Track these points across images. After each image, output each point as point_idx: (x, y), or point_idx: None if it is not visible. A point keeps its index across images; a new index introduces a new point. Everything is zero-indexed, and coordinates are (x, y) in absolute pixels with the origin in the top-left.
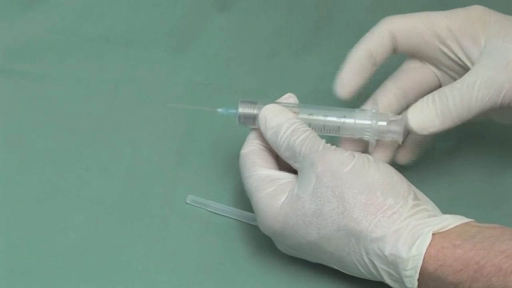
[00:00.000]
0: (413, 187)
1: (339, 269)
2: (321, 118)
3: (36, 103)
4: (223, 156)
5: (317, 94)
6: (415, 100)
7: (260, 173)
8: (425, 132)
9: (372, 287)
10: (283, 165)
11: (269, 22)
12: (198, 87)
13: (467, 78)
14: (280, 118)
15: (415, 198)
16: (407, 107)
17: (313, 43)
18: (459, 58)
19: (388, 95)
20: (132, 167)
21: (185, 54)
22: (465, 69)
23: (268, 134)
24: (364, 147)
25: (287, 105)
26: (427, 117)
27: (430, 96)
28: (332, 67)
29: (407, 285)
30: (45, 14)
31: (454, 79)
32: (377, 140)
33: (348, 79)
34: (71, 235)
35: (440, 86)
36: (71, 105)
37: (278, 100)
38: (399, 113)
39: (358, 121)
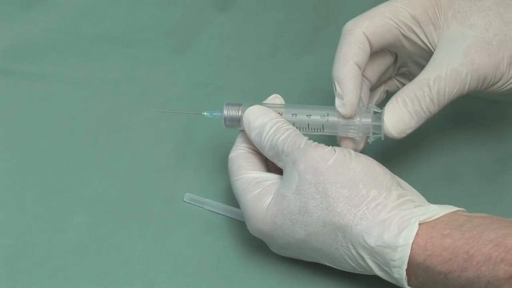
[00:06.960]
0: (397, 178)
1: (332, 265)
2: (304, 117)
3: (36, 103)
4: (222, 155)
5: (317, 94)
6: (376, 81)
7: (246, 176)
8: (404, 135)
9: (371, 287)
10: (273, 167)
11: (269, 22)
12: (198, 87)
13: (432, 72)
14: (263, 119)
15: (400, 188)
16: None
17: (313, 43)
18: (424, 44)
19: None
20: (132, 167)
21: (185, 54)
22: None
23: (252, 135)
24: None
25: (271, 106)
26: (403, 120)
27: (399, 98)
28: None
29: (395, 275)
30: (45, 14)
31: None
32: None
33: (352, 99)
34: (71, 235)
35: (394, 61)
36: (71, 105)
37: (264, 101)
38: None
39: (341, 119)
